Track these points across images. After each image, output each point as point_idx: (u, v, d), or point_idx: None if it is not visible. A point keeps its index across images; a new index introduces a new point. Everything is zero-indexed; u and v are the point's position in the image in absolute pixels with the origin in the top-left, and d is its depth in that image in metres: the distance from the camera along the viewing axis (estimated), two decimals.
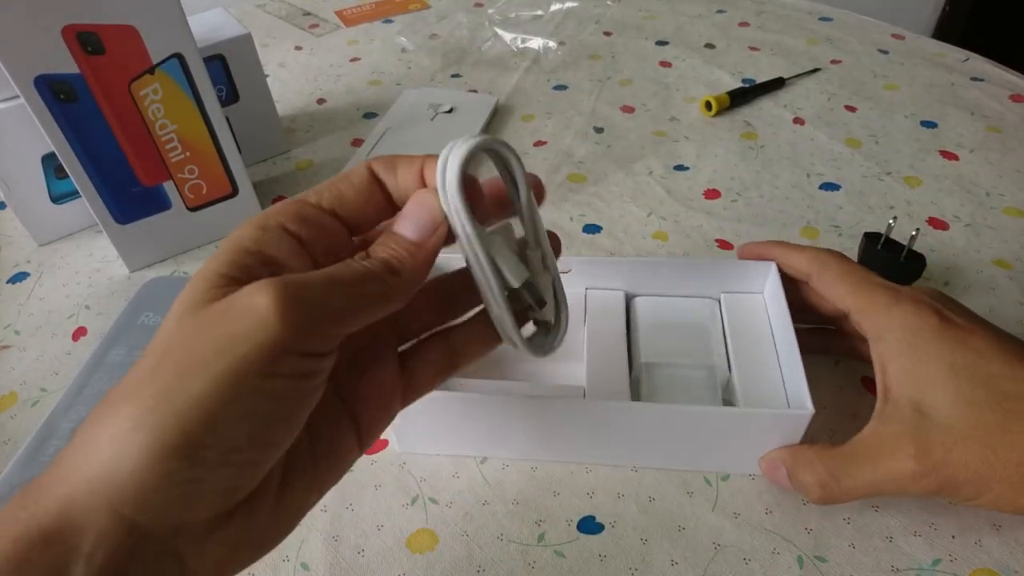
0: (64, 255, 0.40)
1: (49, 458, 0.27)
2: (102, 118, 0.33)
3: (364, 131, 0.49)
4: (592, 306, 0.30)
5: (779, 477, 0.25)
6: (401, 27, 0.64)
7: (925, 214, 0.39)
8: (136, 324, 0.33)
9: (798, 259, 0.27)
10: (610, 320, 0.30)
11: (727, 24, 0.61)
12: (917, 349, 0.22)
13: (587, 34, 0.61)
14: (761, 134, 0.47)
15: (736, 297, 0.30)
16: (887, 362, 0.23)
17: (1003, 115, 0.47)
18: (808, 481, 0.23)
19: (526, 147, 0.47)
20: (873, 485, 0.22)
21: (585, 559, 0.24)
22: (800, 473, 0.24)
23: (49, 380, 0.32)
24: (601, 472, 0.27)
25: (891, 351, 0.23)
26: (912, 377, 0.22)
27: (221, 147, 0.37)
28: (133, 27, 0.31)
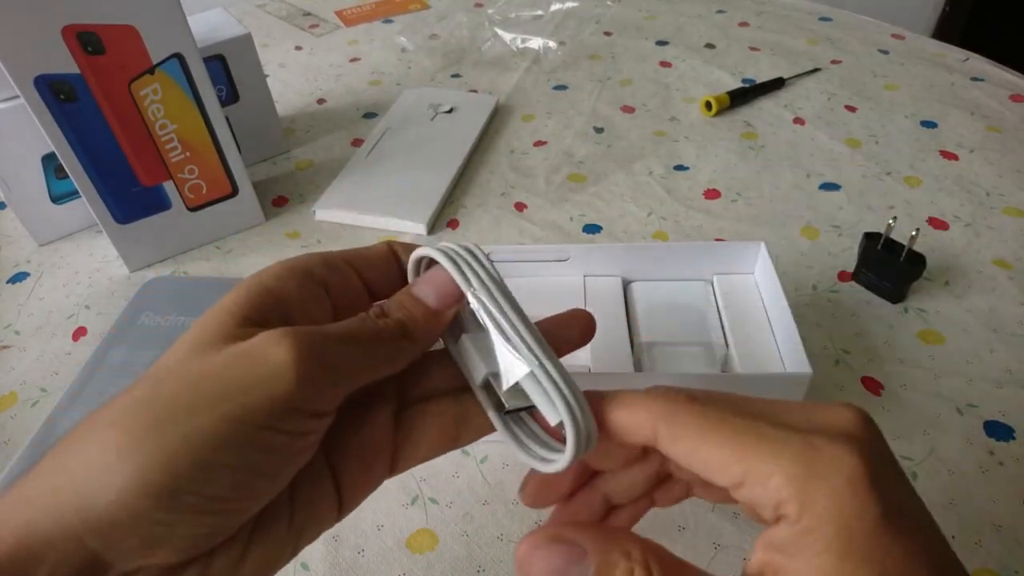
0: (64, 255, 0.40)
1: None
2: (102, 118, 0.33)
3: (364, 131, 0.49)
4: (591, 292, 0.31)
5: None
6: (401, 27, 0.64)
7: (925, 214, 0.39)
8: (136, 324, 0.33)
9: (630, 416, 0.16)
10: (609, 305, 0.30)
11: (727, 24, 0.61)
12: (847, 554, 0.13)
13: (587, 34, 0.61)
14: (761, 134, 0.47)
15: (728, 278, 0.31)
16: (797, 557, 0.13)
17: (1003, 115, 0.47)
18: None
19: (526, 147, 0.47)
20: None
21: None
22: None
23: (49, 380, 0.32)
24: None
25: (807, 546, 0.13)
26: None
27: (221, 147, 0.37)
28: (133, 27, 0.31)
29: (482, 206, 0.42)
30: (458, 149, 0.45)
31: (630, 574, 0.14)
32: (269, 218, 0.41)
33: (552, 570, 0.15)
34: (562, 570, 0.15)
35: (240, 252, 0.39)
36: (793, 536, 0.13)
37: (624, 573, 0.14)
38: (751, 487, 0.14)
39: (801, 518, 0.13)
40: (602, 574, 0.14)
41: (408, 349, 0.16)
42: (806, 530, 0.13)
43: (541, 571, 0.15)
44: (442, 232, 0.40)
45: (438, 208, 0.41)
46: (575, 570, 0.15)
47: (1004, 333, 0.32)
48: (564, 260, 0.31)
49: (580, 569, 0.15)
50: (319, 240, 0.40)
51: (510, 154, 0.46)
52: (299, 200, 0.43)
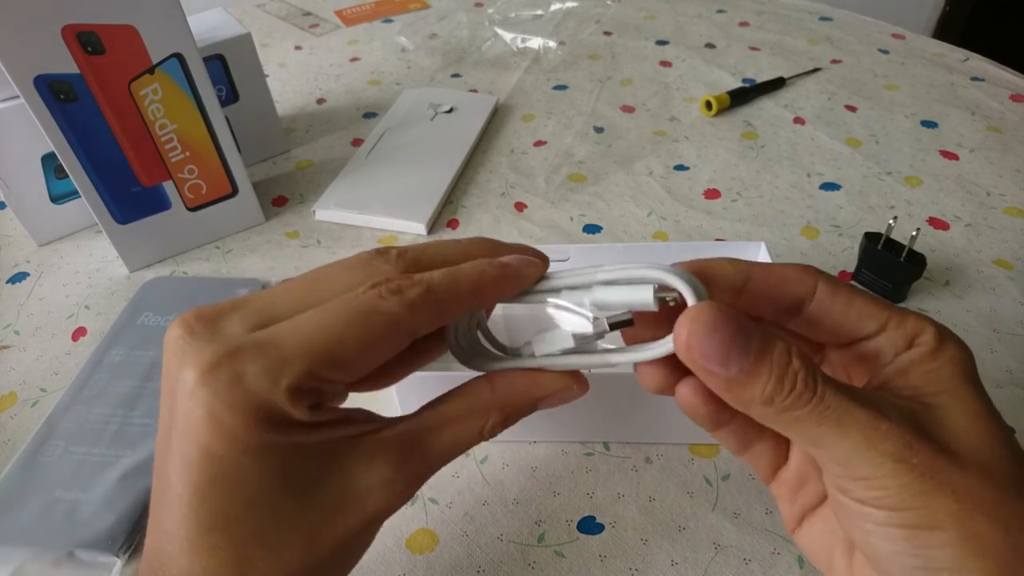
0: (64, 255, 0.40)
1: (49, 458, 0.27)
2: (102, 118, 0.33)
3: (364, 131, 0.49)
4: None
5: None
6: (401, 27, 0.64)
7: (925, 214, 0.39)
8: (136, 324, 0.33)
9: (795, 271, 0.18)
10: None
11: (727, 24, 0.61)
12: (989, 416, 0.15)
13: (587, 34, 0.61)
14: (761, 134, 0.47)
15: None
16: (953, 410, 0.15)
17: (1003, 115, 0.47)
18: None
19: (526, 147, 0.47)
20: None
21: (585, 559, 0.24)
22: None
23: (49, 380, 0.32)
24: (601, 472, 0.27)
25: (942, 367, 0.16)
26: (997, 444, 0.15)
27: (221, 147, 0.37)
28: (133, 27, 0.31)
29: (482, 206, 0.42)
30: (458, 149, 0.45)
31: (788, 352, 0.15)
32: (269, 218, 0.41)
33: (722, 342, 0.15)
34: (728, 345, 0.15)
35: (240, 252, 0.39)
36: (926, 356, 0.16)
37: (783, 352, 0.15)
38: (891, 330, 0.16)
39: (940, 347, 0.16)
40: (764, 351, 0.15)
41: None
42: (944, 357, 0.16)
43: (712, 342, 0.15)
44: (442, 232, 0.40)
45: (438, 208, 0.41)
46: (738, 344, 0.15)
47: (1004, 333, 0.32)
48: (564, 260, 0.31)
49: (743, 344, 0.15)
50: (319, 240, 0.40)
51: (510, 154, 0.46)
52: (299, 200, 0.43)
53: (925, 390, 0.16)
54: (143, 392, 0.30)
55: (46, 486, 0.26)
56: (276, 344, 0.14)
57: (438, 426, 0.17)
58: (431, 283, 0.16)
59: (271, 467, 0.14)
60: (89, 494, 0.26)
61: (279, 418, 0.14)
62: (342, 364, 0.15)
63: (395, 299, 0.15)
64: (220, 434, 0.14)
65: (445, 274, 0.16)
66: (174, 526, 0.14)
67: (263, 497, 0.14)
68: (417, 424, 0.17)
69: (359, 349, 0.15)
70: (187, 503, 0.14)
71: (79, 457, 0.27)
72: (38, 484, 0.26)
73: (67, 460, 0.27)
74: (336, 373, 0.15)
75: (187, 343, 0.15)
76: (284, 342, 0.14)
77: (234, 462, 0.14)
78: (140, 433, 0.28)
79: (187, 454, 0.14)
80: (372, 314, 0.15)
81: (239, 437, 0.14)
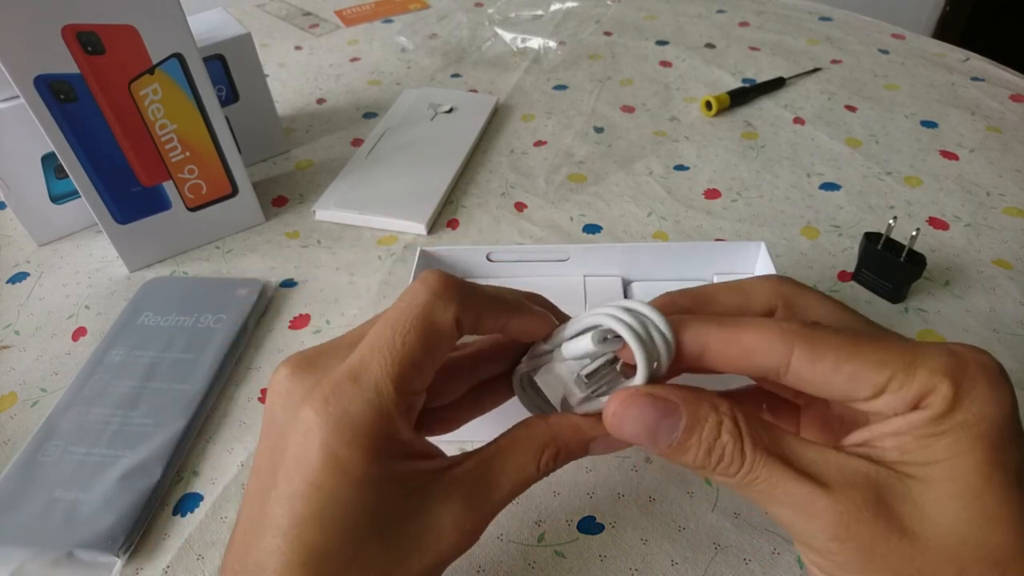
0: (64, 255, 0.40)
1: (49, 458, 0.27)
2: (102, 118, 0.33)
3: (364, 131, 0.49)
4: (591, 293, 0.31)
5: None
6: (401, 27, 0.64)
7: (925, 214, 0.39)
8: (136, 324, 0.33)
9: (759, 337, 0.15)
10: None
11: (727, 24, 0.61)
12: (1000, 445, 0.13)
13: (587, 34, 0.61)
14: (761, 134, 0.47)
15: (728, 278, 0.31)
16: (936, 487, 0.13)
17: (1003, 115, 0.47)
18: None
19: (526, 147, 0.47)
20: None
21: (585, 559, 0.24)
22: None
23: (49, 380, 0.32)
24: (601, 472, 0.27)
25: (953, 433, 0.13)
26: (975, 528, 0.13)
27: (221, 147, 0.37)
28: (133, 27, 0.31)
29: (482, 206, 0.42)
30: (458, 149, 0.45)
31: (719, 426, 0.15)
32: (269, 218, 0.41)
33: (644, 424, 0.15)
34: (653, 425, 0.15)
35: (240, 252, 0.39)
36: (927, 421, 0.13)
37: (713, 426, 0.15)
38: (891, 393, 0.14)
39: (952, 411, 0.13)
40: (692, 427, 0.15)
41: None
42: (953, 422, 0.13)
43: (634, 425, 0.15)
44: (442, 232, 0.40)
45: (438, 208, 0.41)
46: (666, 424, 0.15)
47: (1004, 333, 0.32)
48: (564, 260, 0.31)
49: (671, 422, 0.15)
50: (319, 240, 0.40)
51: (510, 154, 0.46)
52: (299, 200, 0.43)
53: (913, 458, 0.14)
54: (143, 392, 0.30)
55: (46, 486, 0.26)
56: (364, 367, 0.15)
57: (500, 458, 0.17)
58: (476, 286, 0.17)
59: (368, 501, 0.15)
60: (89, 494, 0.26)
61: (386, 439, 0.15)
62: (416, 364, 0.16)
63: (444, 292, 0.16)
64: (332, 468, 0.14)
65: (488, 286, 0.18)
66: (265, 557, 0.14)
67: (354, 533, 0.15)
68: (481, 458, 0.17)
69: (421, 343, 0.16)
70: (284, 535, 0.14)
71: (79, 457, 0.27)
72: (38, 484, 0.26)
73: (67, 460, 0.27)
74: (415, 375, 0.16)
75: (294, 383, 0.16)
76: (369, 364, 0.15)
77: (339, 496, 0.14)
78: (140, 433, 0.28)
79: (295, 489, 0.15)
80: (426, 308, 0.16)
81: (349, 471, 0.15)
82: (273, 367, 0.32)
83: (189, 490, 0.27)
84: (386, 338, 0.16)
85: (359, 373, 0.15)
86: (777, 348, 0.15)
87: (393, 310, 0.16)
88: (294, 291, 0.36)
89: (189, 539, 0.25)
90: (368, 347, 0.16)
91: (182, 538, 0.25)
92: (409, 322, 0.16)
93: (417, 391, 0.16)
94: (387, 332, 0.16)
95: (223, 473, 0.28)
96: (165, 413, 0.29)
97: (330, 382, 0.15)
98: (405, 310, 0.16)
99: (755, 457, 0.14)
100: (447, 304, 0.16)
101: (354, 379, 0.15)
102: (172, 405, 0.29)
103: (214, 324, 0.33)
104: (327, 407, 0.15)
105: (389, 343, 0.15)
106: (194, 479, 0.28)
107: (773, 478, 0.14)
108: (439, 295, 0.16)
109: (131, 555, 0.25)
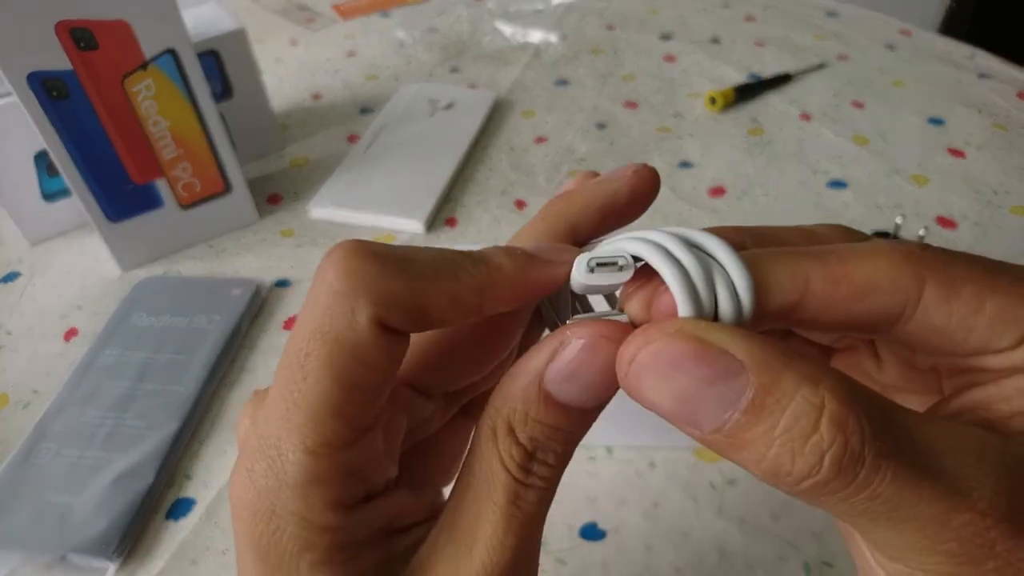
0: (56, 254, 0.39)
1: (41, 461, 0.27)
2: (94, 115, 0.32)
3: (361, 127, 0.48)
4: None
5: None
6: (399, 21, 0.63)
7: (933, 212, 0.39)
8: (128, 324, 0.33)
9: (875, 269, 0.11)
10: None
11: (732, 18, 0.60)
12: None
13: (589, 28, 0.60)
14: (767, 130, 0.46)
15: None
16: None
17: (1010, 112, 0.46)
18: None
19: (527, 144, 0.46)
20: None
21: (587, 566, 0.24)
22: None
23: (41, 381, 0.32)
24: (604, 477, 0.26)
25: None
26: None
27: (215, 144, 0.36)
28: (126, 22, 0.31)
29: (481, 204, 0.41)
30: (457, 145, 0.44)
31: (817, 411, 0.09)
32: (263, 216, 0.41)
33: (678, 388, 0.10)
34: (692, 392, 0.09)
35: (234, 251, 0.39)
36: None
37: (804, 408, 0.09)
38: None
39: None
40: (763, 406, 0.09)
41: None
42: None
43: (659, 387, 0.10)
44: (440, 230, 0.39)
45: (436, 206, 0.40)
46: (717, 393, 0.09)
47: None
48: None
49: (725, 391, 0.09)
50: (314, 239, 0.39)
51: (510, 151, 0.46)
52: (294, 198, 0.42)
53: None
54: (136, 394, 0.29)
55: (38, 489, 0.26)
56: (268, 421, 0.11)
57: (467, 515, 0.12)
58: (410, 255, 0.12)
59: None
60: (82, 498, 0.26)
61: (292, 539, 0.11)
62: (333, 408, 0.11)
63: (347, 282, 0.11)
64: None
65: (431, 249, 0.12)
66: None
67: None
68: (443, 525, 0.12)
69: (330, 374, 0.11)
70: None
71: (72, 460, 0.27)
72: (30, 487, 0.26)
73: (59, 463, 0.27)
74: (338, 423, 0.11)
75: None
76: (271, 415, 0.11)
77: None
78: (133, 435, 0.28)
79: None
80: (328, 317, 0.11)
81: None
82: (267, 368, 0.32)
83: (182, 494, 0.27)
84: (288, 373, 0.11)
85: (264, 436, 0.11)
86: (903, 281, 0.10)
87: (299, 316, 0.11)
88: (289, 291, 0.36)
89: (183, 544, 0.25)
90: (275, 388, 0.11)
91: (175, 543, 0.25)
92: (308, 343, 0.11)
93: (349, 441, 0.11)
94: (291, 359, 0.11)
95: (216, 477, 0.27)
96: (158, 415, 0.28)
97: (242, 454, 0.11)
98: (305, 320, 0.11)
99: (877, 466, 0.09)
100: (355, 301, 0.11)
101: (259, 451, 0.11)
102: (165, 407, 0.29)
103: (207, 324, 0.32)
104: (233, 509, 0.11)
105: (289, 380, 0.11)
106: (187, 483, 0.27)
107: (898, 496, 0.09)
108: (340, 291, 0.11)
109: (124, 560, 0.25)
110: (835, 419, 0.09)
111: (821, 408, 0.09)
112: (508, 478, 0.11)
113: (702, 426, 0.10)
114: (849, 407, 0.09)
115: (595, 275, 0.11)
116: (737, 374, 0.09)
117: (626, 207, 0.15)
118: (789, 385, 0.09)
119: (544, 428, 0.12)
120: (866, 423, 0.09)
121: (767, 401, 0.09)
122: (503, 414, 0.12)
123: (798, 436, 0.09)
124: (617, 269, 0.11)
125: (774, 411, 0.09)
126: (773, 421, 0.09)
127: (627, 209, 0.15)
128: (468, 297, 0.11)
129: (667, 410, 0.10)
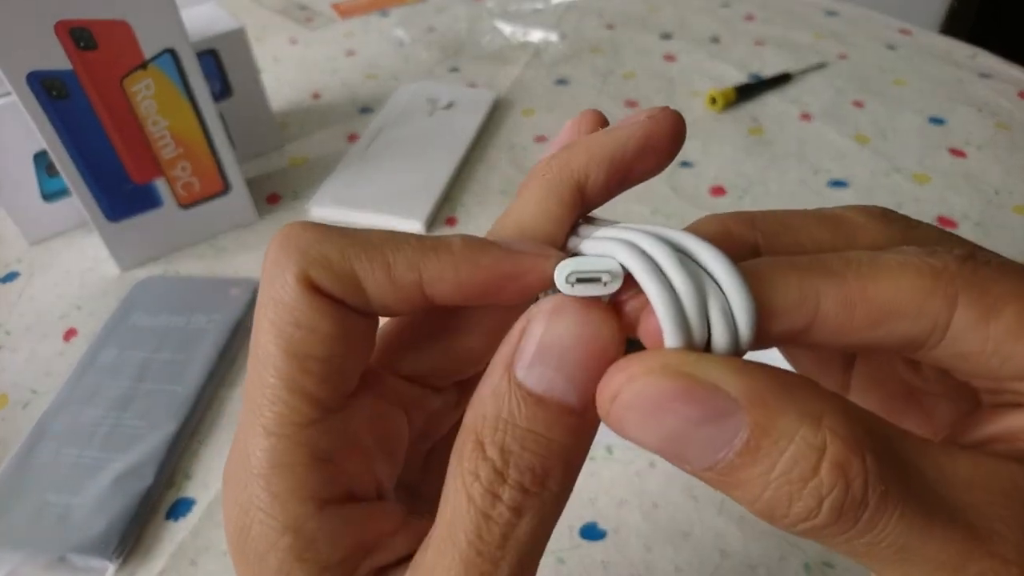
0: (55, 254, 0.39)
1: (41, 461, 0.27)
2: (94, 115, 0.32)
3: (360, 126, 0.48)
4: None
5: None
6: (398, 20, 0.63)
7: (934, 212, 0.38)
8: (127, 324, 0.33)
9: (897, 289, 0.09)
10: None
11: (732, 18, 0.60)
12: None
13: (589, 27, 0.60)
14: (767, 130, 0.46)
15: None
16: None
17: (1011, 112, 0.46)
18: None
19: (526, 143, 0.46)
20: None
21: (587, 566, 0.24)
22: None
23: (40, 381, 0.32)
24: (604, 477, 0.26)
25: None
26: None
27: (214, 143, 0.36)
28: (125, 22, 0.31)
29: (481, 204, 0.41)
30: (456, 145, 0.44)
31: (818, 454, 0.08)
32: (263, 216, 0.41)
33: (665, 428, 0.09)
34: (681, 431, 0.09)
35: (233, 251, 0.39)
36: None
37: (804, 451, 0.08)
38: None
39: None
40: (759, 447, 0.08)
41: None
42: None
43: (646, 425, 0.09)
44: (440, 230, 0.39)
45: (436, 205, 0.40)
46: (709, 432, 0.08)
47: None
48: None
49: (718, 431, 0.08)
50: None
51: (510, 150, 0.46)
52: (293, 197, 0.42)
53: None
54: (135, 393, 0.29)
55: (38, 489, 0.26)
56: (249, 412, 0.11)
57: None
58: (356, 229, 0.11)
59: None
60: (81, 497, 0.26)
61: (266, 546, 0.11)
62: (294, 383, 0.11)
63: (282, 249, 0.11)
64: None
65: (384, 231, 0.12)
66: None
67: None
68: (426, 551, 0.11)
69: (281, 347, 0.11)
70: None
71: (71, 460, 0.27)
72: (30, 487, 0.26)
73: (59, 463, 0.27)
74: (298, 400, 0.11)
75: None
76: (250, 402, 0.11)
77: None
78: (132, 435, 0.28)
79: None
80: (270, 287, 0.11)
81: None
82: None
83: (182, 494, 0.27)
84: (249, 359, 0.11)
85: (238, 426, 0.11)
86: (930, 306, 0.09)
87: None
88: None
89: (182, 544, 0.25)
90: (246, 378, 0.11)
91: (175, 543, 0.25)
92: (255, 318, 0.11)
93: (311, 419, 0.10)
94: (250, 343, 0.11)
95: (216, 477, 0.27)
96: (157, 415, 0.28)
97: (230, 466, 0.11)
98: (260, 301, 0.11)
99: (883, 509, 0.08)
100: (286, 262, 0.10)
101: (234, 442, 0.11)
102: (164, 407, 0.29)
103: (207, 324, 0.32)
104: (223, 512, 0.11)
105: (249, 365, 0.11)
106: (186, 483, 0.27)
107: (905, 538, 0.08)
108: (275, 258, 0.10)
109: (124, 560, 0.25)
110: (837, 462, 0.08)
111: (822, 450, 0.08)
112: (470, 509, 0.09)
113: (692, 464, 0.09)
114: (853, 448, 0.08)
115: (576, 289, 0.10)
116: (730, 413, 0.08)
117: (638, 159, 0.12)
118: (788, 425, 0.08)
119: (518, 433, 0.09)
120: (872, 463, 0.08)
121: (763, 443, 0.08)
122: (469, 422, 0.10)
123: (796, 480, 0.08)
124: (601, 285, 0.10)
125: (771, 453, 0.08)
126: (770, 464, 0.08)
127: (641, 162, 0.12)
128: (405, 273, 0.10)
129: (654, 449, 0.09)
